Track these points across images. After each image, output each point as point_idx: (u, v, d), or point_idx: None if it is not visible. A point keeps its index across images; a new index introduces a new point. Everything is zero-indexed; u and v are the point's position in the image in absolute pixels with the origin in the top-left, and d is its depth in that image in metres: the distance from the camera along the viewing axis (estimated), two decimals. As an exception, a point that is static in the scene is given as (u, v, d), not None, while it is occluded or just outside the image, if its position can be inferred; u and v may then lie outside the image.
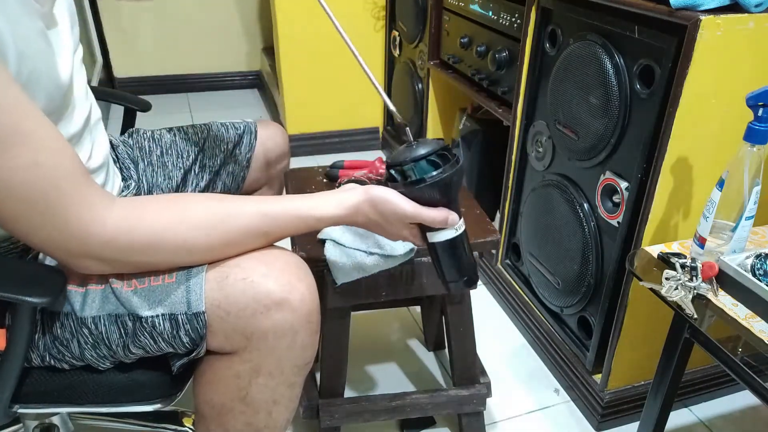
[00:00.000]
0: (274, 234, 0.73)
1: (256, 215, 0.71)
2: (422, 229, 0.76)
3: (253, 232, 0.71)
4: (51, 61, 0.69)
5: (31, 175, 0.60)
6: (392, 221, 0.73)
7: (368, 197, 0.72)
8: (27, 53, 0.63)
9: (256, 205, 0.72)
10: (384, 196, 0.72)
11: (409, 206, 0.72)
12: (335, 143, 2.59)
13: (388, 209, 0.72)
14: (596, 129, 1.13)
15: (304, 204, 0.73)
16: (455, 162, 0.72)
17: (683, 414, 1.32)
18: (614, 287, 1.16)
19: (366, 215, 0.73)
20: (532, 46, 1.33)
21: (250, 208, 0.71)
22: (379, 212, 0.73)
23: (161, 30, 3.13)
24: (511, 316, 1.61)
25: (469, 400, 1.15)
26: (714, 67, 0.92)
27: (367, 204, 0.73)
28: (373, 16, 2.37)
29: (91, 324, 0.72)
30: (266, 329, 0.70)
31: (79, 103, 0.81)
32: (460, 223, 0.76)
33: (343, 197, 0.73)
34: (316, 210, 0.73)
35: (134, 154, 1.05)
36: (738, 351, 0.78)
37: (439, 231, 0.75)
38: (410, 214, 0.72)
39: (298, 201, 0.73)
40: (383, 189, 0.73)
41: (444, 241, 0.75)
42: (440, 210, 0.73)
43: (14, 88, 0.59)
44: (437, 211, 0.72)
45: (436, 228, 0.74)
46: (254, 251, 0.73)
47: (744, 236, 0.87)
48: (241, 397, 0.75)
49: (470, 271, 0.79)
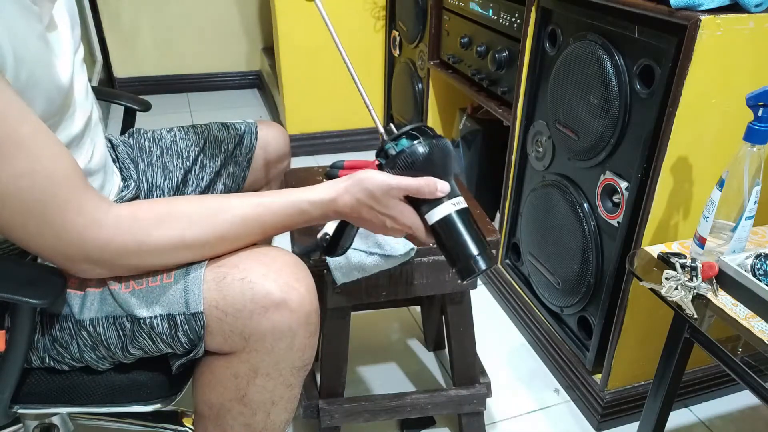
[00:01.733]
0: (269, 223, 0.73)
1: (250, 205, 0.72)
2: (419, 211, 0.74)
3: (247, 222, 0.71)
4: (50, 64, 0.69)
5: (28, 183, 0.60)
6: (379, 197, 0.72)
7: (355, 179, 0.72)
8: (25, 57, 0.63)
9: (250, 197, 0.73)
10: (368, 175, 0.72)
11: (392, 179, 0.71)
12: (335, 143, 2.59)
13: (372, 185, 0.71)
14: (596, 129, 1.13)
15: (296, 191, 0.74)
16: (434, 137, 0.73)
17: (683, 414, 1.32)
18: (614, 287, 1.16)
19: (354, 196, 0.72)
20: (532, 46, 1.33)
21: (243, 199, 0.72)
22: (365, 189, 0.71)
23: (161, 30, 3.13)
24: (511, 316, 1.61)
25: (469, 400, 1.15)
26: (714, 67, 0.92)
27: (354, 185, 0.72)
28: (373, 16, 2.37)
29: (89, 326, 0.72)
30: (264, 330, 0.70)
31: (81, 105, 0.81)
32: (458, 200, 0.73)
33: (332, 182, 0.74)
34: (307, 194, 0.73)
35: (134, 154, 1.05)
36: (738, 351, 0.77)
37: (436, 207, 0.72)
38: (394, 184, 0.71)
39: (290, 190, 0.74)
40: (368, 170, 0.73)
41: (443, 220, 0.73)
42: (426, 178, 0.72)
43: (10, 95, 0.59)
44: (422, 179, 0.71)
45: (430, 206, 0.72)
46: (253, 251, 0.73)
47: (744, 236, 0.87)
48: (240, 398, 0.74)
49: (481, 248, 0.73)
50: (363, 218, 0.74)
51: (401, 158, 0.72)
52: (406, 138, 0.74)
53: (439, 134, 0.74)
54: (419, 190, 0.71)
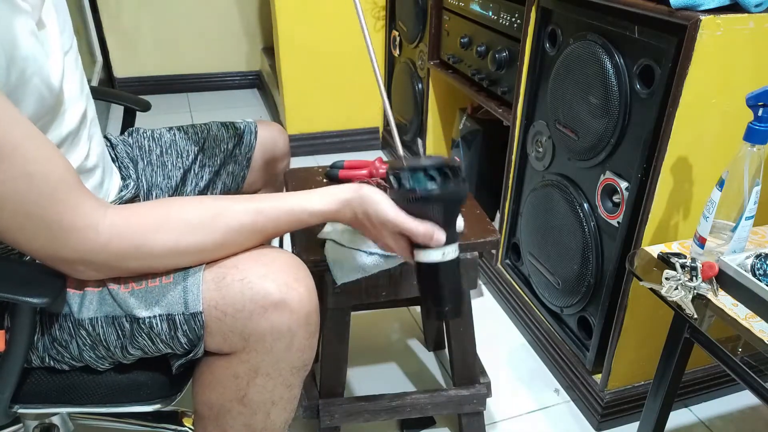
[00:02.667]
0: (268, 230, 0.73)
1: (249, 212, 0.71)
2: (412, 244, 0.73)
3: (246, 229, 0.71)
4: (41, 63, 0.68)
5: (23, 186, 0.59)
6: (375, 223, 0.73)
7: (358, 195, 0.72)
8: (16, 56, 0.62)
9: (249, 203, 0.72)
10: (372, 196, 0.71)
11: (392, 211, 0.70)
12: (335, 143, 2.59)
13: (372, 210, 0.71)
14: (596, 129, 1.13)
15: (297, 199, 0.73)
16: (457, 183, 0.69)
17: (683, 414, 1.32)
18: (614, 287, 1.16)
19: (353, 211, 0.73)
20: (532, 46, 1.33)
21: (242, 205, 0.71)
22: (365, 211, 0.72)
23: (161, 30, 3.13)
24: (511, 316, 1.61)
25: (469, 400, 1.15)
26: (714, 67, 0.92)
27: (356, 200, 0.72)
28: (373, 16, 2.36)
29: (88, 326, 0.72)
30: (264, 330, 0.70)
31: (74, 102, 0.80)
32: (449, 249, 0.72)
33: (334, 192, 0.74)
34: (307, 204, 0.73)
35: (134, 153, 1.05)
36: (738, 351, 0.77)
37: (426, 250, 0.71)
38: (391, 218, 0.70)
39: (290, 197, 0.73)
40: (375, 190, 0.72)
41: (428, 263, 0.72)
42: (425, 224, 0.70)
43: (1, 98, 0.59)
44: (422, 225, 0.70)
45: (423, 247, 0.72)
46: (252, 252, 0.73)
47: (744, 236, 0.87)
48: (239, 398, 0.74)
49: (453, 302, 0.74)
50: (359, 227, 0.76)
51: (410, 196, 0.69)
52: (425, 175, 0.70)
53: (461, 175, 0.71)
54: (416, 235, 0.71)
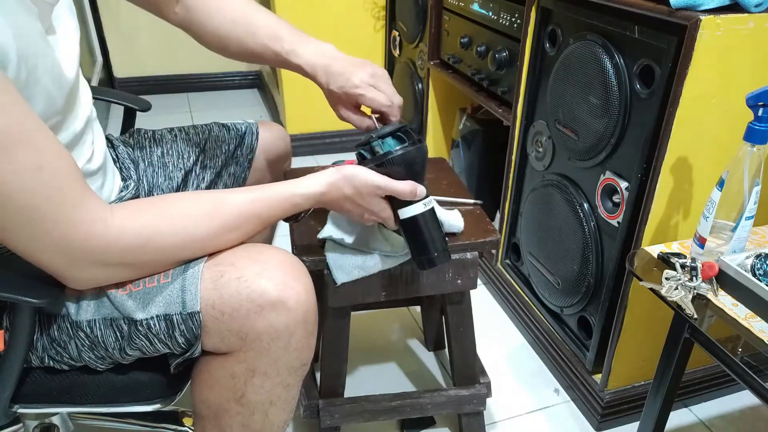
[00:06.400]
0: (265, 216, 0.76)
1: (246, 201, 0.74)
2: (393, 207, 0.82)
3: (245, 218, 0.74)
4: (52, 61, 0.69)
5: (35, 180, 0.58)
6: (365, 194, 0.79)
7: (341, 175, 0.78)
8: (27, 54, 0.63)
9: (245, 192, 0.76)
10: (355, 172, 0.78)
11: (378, 178, 0.78)
12: (335, 143, 2.59)
13: (360, 182, 0.78)
14: (596, 129, 1.13)
15: (288, 186, 0.77)
16: (418, 140, 0.81)
17: (683, 414, 1.32)
18: (614, 287, 1.16)
19: (341, 190, 0.78)
20: (532, 46, 1.33)
21: (240, 195, 0.75)
22: (353, 186, 0.78)
23: (161, 30, 3.12)
24: (511, 316, 1.61)
25: (469, 400, 1.15)
26: (714, 67, 0.92)
27: (341, 180, 0.78)
28: (373, 16, 2.36)
29: (86, 327, 0.72)
30: (261, 330, 0.70)
31: (81, 105, 0.81)
32: (428, 200, 0.82)
33: (321, 176, 0.79)
34: (297, 189, 0.77)
35: (134, 154, 1.05)
36: (738, 351, 0.77)
37: (408, 207, 0.81)
38: (381, 184, 0.78)
39: (282, 185, 0.78)
40: (355, 166, 0.79)
41: (414, 215, 0.81)
42: (408, 182, 0.79)
43: (13, 91, 0.58)
44: (405, 183, 0.79)
45: (406, 204, 0.80)
46: (250, 250, 0.74)
47: (744, 236, 0.87)
48: (237, 398, 0.74)
49: (440, 247, 0.84)
50: (344, 208, 0.81)
51: (388, 159, 0.79)
52: (392, 139, 0.81)
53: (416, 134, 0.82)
54: (401, 193, 0.79)
